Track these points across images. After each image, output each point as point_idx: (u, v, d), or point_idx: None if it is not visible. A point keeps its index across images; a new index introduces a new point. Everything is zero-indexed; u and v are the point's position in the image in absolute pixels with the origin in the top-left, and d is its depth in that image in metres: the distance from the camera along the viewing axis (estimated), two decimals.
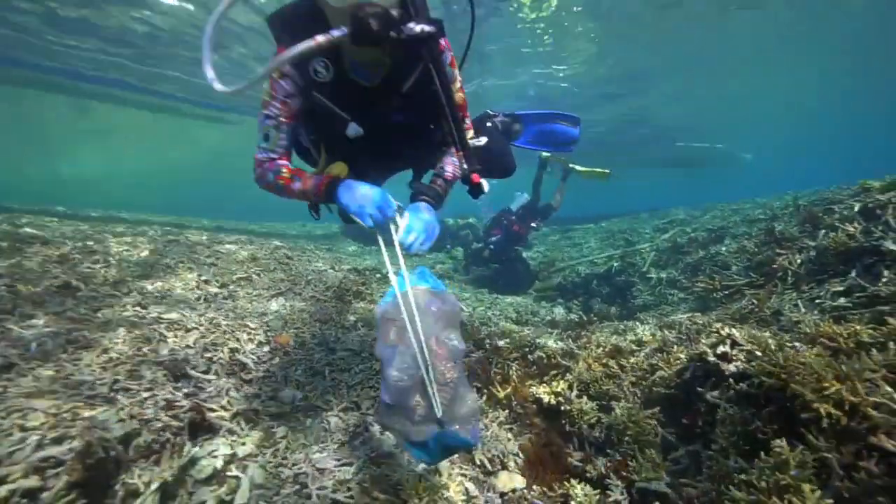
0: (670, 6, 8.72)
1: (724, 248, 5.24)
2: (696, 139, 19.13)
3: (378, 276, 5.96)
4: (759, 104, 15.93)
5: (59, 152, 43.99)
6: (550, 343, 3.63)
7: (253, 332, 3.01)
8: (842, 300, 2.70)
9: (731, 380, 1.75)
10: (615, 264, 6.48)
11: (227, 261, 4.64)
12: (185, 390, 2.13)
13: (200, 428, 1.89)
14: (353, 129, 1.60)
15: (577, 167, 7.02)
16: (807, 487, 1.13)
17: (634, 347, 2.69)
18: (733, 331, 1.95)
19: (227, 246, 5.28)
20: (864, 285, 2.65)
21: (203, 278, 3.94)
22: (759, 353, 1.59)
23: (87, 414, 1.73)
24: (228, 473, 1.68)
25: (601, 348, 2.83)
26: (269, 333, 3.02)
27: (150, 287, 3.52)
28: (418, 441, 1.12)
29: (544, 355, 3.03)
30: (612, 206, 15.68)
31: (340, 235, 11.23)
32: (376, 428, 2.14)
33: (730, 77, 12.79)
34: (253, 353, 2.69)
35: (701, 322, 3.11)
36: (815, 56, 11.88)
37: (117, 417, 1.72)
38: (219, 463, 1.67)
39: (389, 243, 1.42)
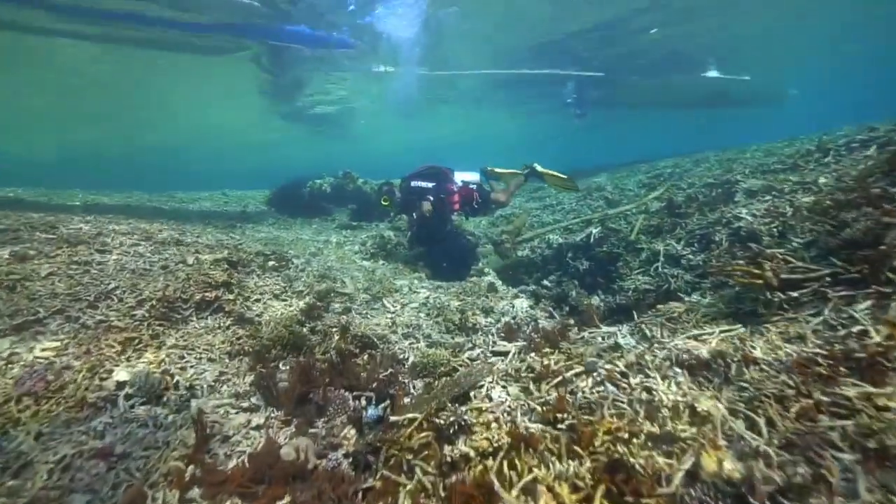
0: None
1: (744, 211, 3.76)
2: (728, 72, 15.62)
3: (272, 263, 4.23)
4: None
5: None
6: (495, 395, 2.10)
7: None
8: None
9: None
10: (594, 231, 4.97)
11: None
12: None
13: None
14: None
15: (543, 170, 5.97)
16: None
17: (660, 463, 1.17)
18: None
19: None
20: None
21: None
22: None
23: None
24: None
25: (582, 463, 1.31)
26: None
27: None
28: None
29: (471, 452, 1.50)
30: (587, 159, 13.72)
31: (267, 211, 9.13)
32: None
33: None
34: None
35: (779, 378, 1.61)
36: None
37: None
38: None
39: None
